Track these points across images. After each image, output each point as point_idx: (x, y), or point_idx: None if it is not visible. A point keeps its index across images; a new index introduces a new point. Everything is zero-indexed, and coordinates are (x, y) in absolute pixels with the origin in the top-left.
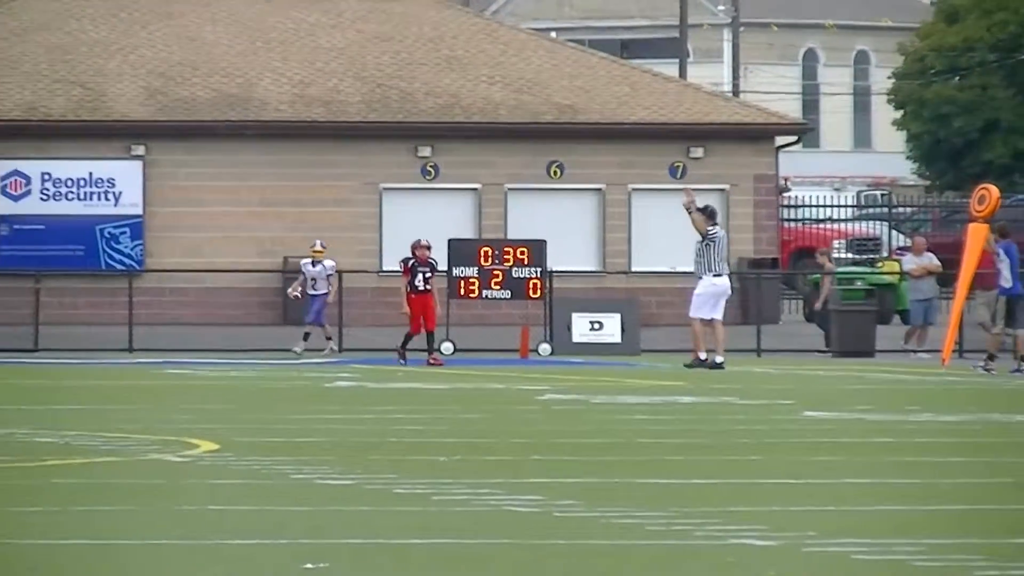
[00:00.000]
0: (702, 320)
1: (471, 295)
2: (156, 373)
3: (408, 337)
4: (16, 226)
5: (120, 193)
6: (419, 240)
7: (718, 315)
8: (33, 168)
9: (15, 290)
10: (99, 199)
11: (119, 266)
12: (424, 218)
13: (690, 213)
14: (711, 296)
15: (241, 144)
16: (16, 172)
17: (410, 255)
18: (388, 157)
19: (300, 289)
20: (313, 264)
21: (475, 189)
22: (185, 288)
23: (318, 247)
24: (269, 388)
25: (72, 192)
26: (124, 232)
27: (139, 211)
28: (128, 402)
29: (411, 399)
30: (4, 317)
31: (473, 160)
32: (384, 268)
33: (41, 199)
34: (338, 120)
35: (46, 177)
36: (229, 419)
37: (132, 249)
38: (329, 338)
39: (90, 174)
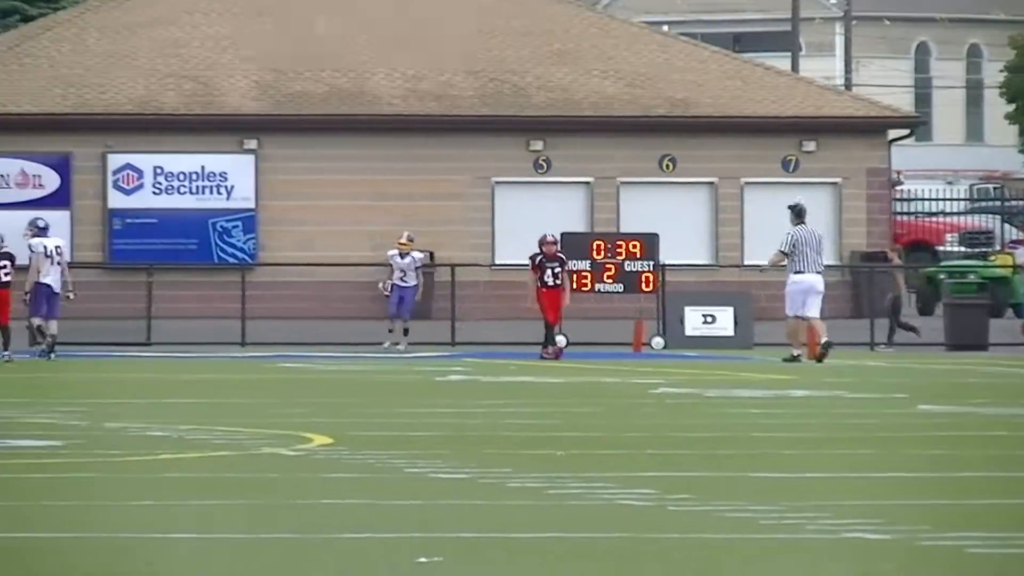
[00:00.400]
0: (797, 316)
1: (584, 289)
2: (269, 367)
3: (548, 328)
4: (129, 220)
5: (232, 187)
6: (546, 235)
7: (810, 312)
8: (145, 162)
9: (128, 284)
10: (211, 193)
11: (232, 260)
12: (536, 212)
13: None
14: (798, 293)
15: (353, 138)
16: (128, 166)
17: (538, 251)
18: (500, 151)
19: (390, 283)
20: (401, 256)
21: (587, 183)
22: (297, 282)
23: (405, 239)
24: (382, 382)
25: (184, 186)
26: (236, 226)
27: (251, 205)
28: (241, 396)
29: (524, 393)
30: (117, 311)
31: (585, 154)
32: (496, 262)
33: (153, 193)
34: (450, 114)
35: (158, 171)
36: (342, 413)
37: (245, 243)
38: (406, 332)
39: (202, 168)
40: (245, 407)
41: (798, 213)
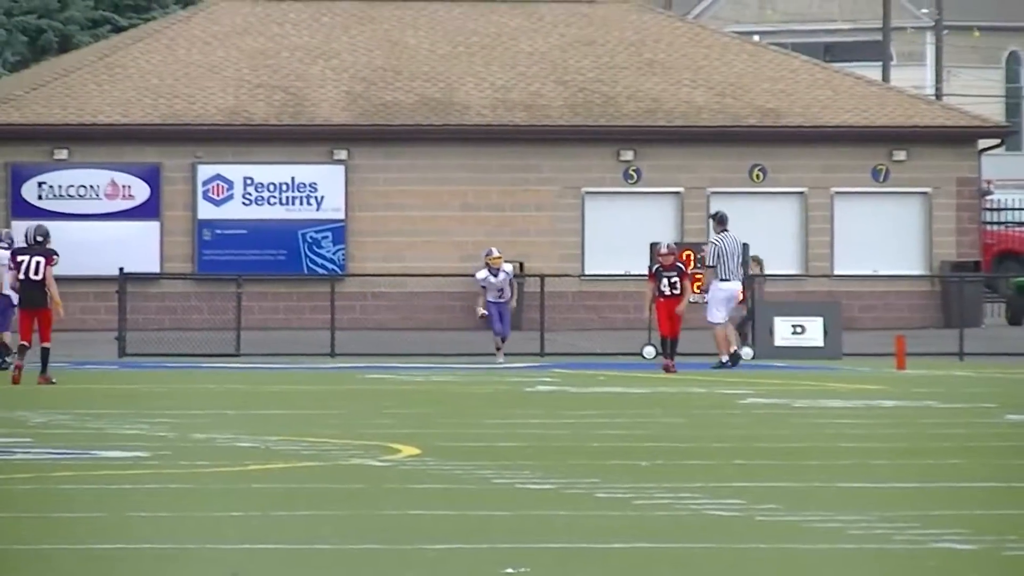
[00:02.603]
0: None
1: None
2: (358, 378)
3: (663, 341)
4: (218, 231)
5: (322, 197)
6: (661, 245)
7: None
8: (235, 173)
9: (217, 295)
10: (301, 204)
11: (321, 270)
12: (626, 222)
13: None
14: (724, 300)
15: (442, 148)
16: (218, 177)
17: (655, 262)
18: (590, 161)
19: (482, 307)
20: (493, 273)
21: (677, 193)
22: (387, 293)
23: (495, 254)
24: (470, 393)
25: (274, 197)
26: (326, 236)
27: (341, 216)
28: (330, 407)
29: (612, 403)
30: (206, 322)
31: (675, 164)
32: (586, 272)
33: (243, 204)
34: (540, 124)
35: (248, 182)
36: (430, 424)
37: (334, 253)
38: (502, 342)
39: (292, 179)
40: (333, 418)
41: (720, 220)
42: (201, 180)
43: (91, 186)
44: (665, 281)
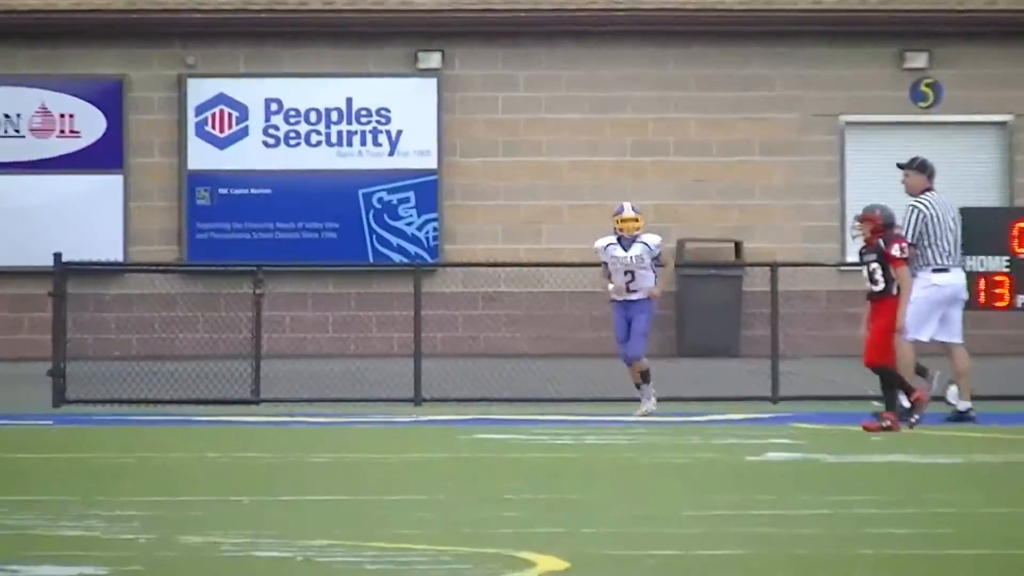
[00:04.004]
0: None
1: (997, 304)
2: (460, 439)
3: (886, 382)
4: (223, 190)
5: (399, 134)
6: (873, 209)
7: (946, 336)
8: (250, 92)
9: (221, 300)
10: (363, 144)
11: (397, 256)
12: None
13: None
14: (939, 304)
15: (605, 50)
16: (223, 98)
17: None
18: (855, 71)
19: (612, 287)
20: (621, 242)
21: (1000, 123)
22: (509, 295)
23: (628, 212)
24: (650, 464)
25: (316, 132)
26: (406, 199)
27: (431, 163)
28: (415, 488)
29: (898, 481)
30: (202, 345)
31: (996, 75)
32: (849, 259)
33: (264, 144)
34: (768, 10)
35: (273, 107)
36: (585, 516)
37: (420, 228)
38: (645, 379)
39: (347, 102)
40: (421, 507)
41: (922, 169)
42: (193, 105)
43: (7, 116)
44: (864, 270)
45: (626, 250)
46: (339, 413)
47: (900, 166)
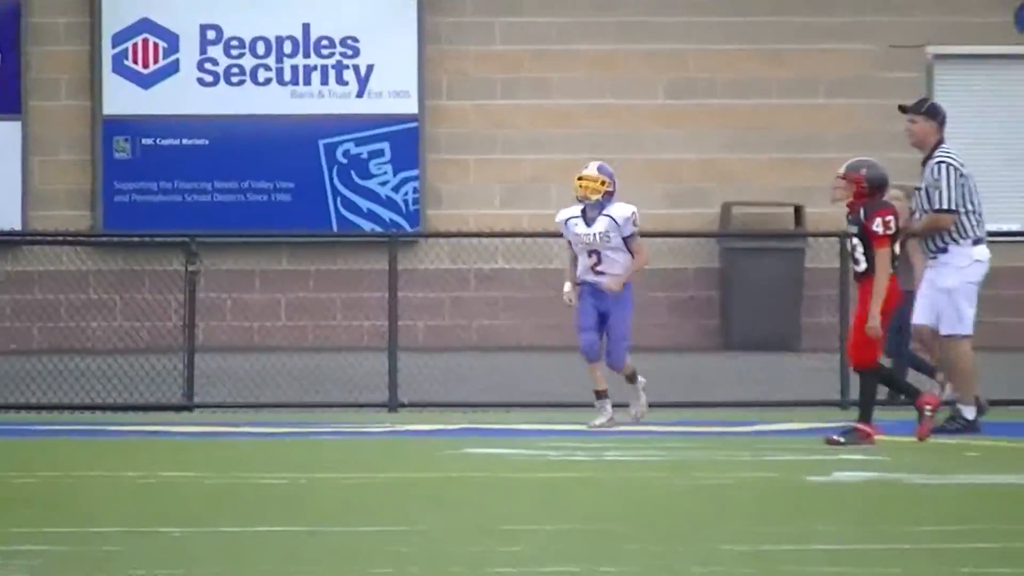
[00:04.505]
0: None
1: None
2: (448, 453)
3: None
4: (147, 140)
5: (369, 69)
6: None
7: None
8: (183, 16)
9: (146, 277)
10: (323, 82)
11: (368, 225)
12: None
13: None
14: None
15: None
16: (147, 25)
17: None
18: None
19: (573, 279)
20: (586, 216)
21: None
22: (508, 272)
23: (590, 171)
24: (687, 488)
25: (265, 68)
26: (379, 154)
27: (411, 108)
28: (394, 517)
29: (1002, 508)
30: (119, 337)
31: None
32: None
33: (200, 83)
34: None
35: (209, 35)
36: (597, 549)
37: (396, 189)
38: (632, 381)
39: (304, 28)
40: (389, 537)
41: (932, 113)
42: (110, 34)
43: None
44: (848, 244)
45: (589, 225)
46: (294, 422)
47: (904, 109)
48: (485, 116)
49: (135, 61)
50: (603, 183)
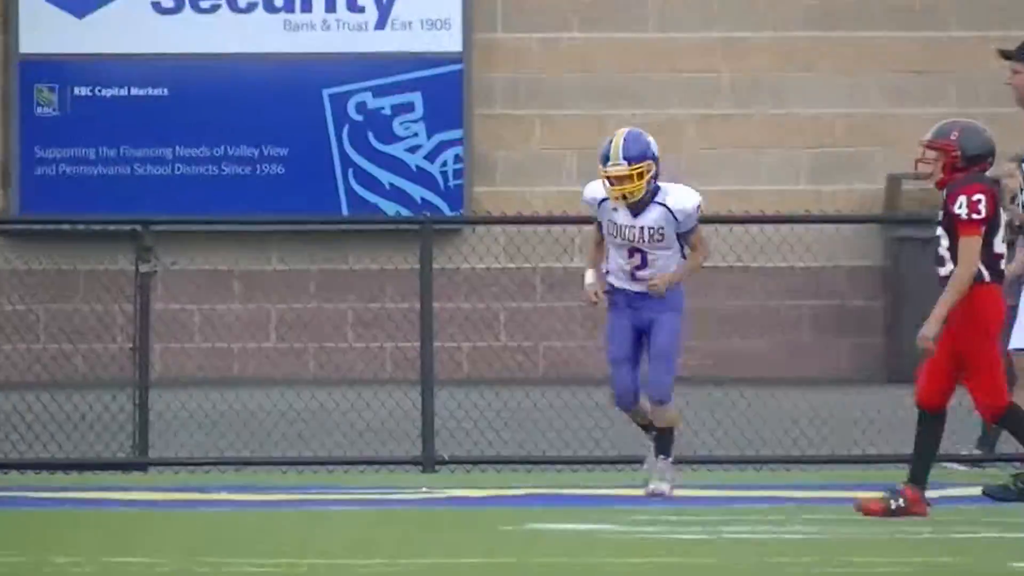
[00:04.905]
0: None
1: None
2: (485, 529)
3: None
4: (81, 90)
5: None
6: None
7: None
8: None
9: (80, 279)
10: (328, 8)
11: (391, 207)
12: None
13: None
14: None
15: None
16: None
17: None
18: None
19: (596, 267)
20: (626, 204)
21: None
22: (576, 272)
23: (619, 164)
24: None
25: None
26: (406, 108)
27: (452, 45)
28: None
29: None
30: (58, 363)
31: None
32: None
33: (156, 8)
34: None
35: None
36: None
37: (431, 158)
38: (666, 446)
39: None
40: None
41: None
42: None
43: None
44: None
45: (635, 215)
46: (288, 486)
47: (1007, 55)
48: (556, 55)
49: None
50: (641, 172)
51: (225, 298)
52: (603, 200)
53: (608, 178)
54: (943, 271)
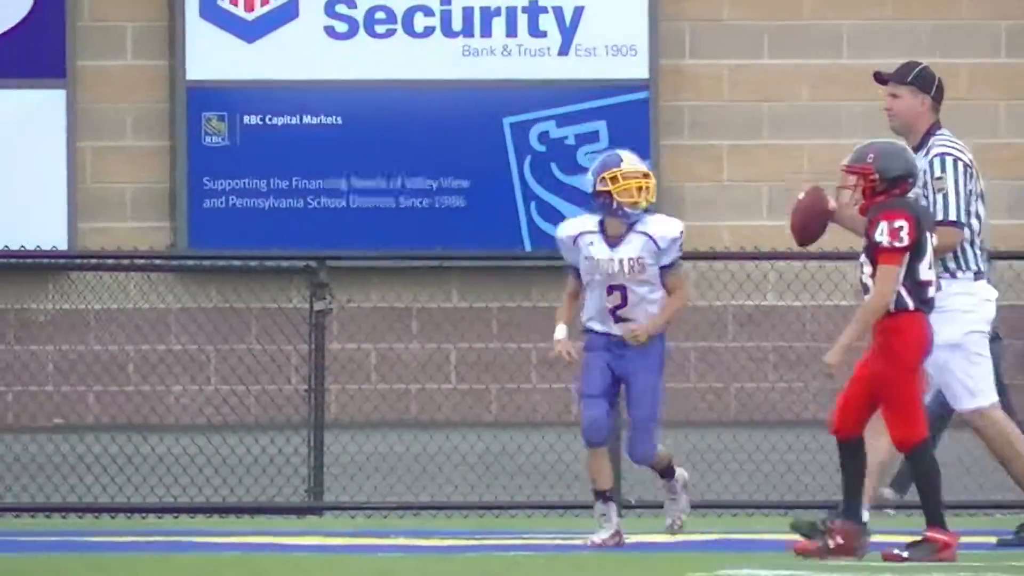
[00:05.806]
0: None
1: None
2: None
3: (846, 449)
4: (251, 118)
5: (578, 14)
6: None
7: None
8: None
9: (252, 318)
10: (510, 33)
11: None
12: None
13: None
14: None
15: None
16: None
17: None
18: None
19: (568, 319)
20: (606, 233)
21: None
22: (774, 312)
23: (633, 162)
24: None
25: (424, 11)
26: (591, 138)
27: (639, 72)
28: None
29: None
30: (227, 406)
31: None
32: None
33: (329, 33)
34: None
35: None
36: None
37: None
38: (669, 478)
39: None
40: None
41: (925, 86)
42: None
43: None
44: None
45: (612, 247)
46: (470, 530)
47: (881, 79)
48: (747, 82)
49: (234, 2)
50: (648, 176)
51: (402, 337)
52: (578, 235)
53: (617, 179)
54: (867, 298)
